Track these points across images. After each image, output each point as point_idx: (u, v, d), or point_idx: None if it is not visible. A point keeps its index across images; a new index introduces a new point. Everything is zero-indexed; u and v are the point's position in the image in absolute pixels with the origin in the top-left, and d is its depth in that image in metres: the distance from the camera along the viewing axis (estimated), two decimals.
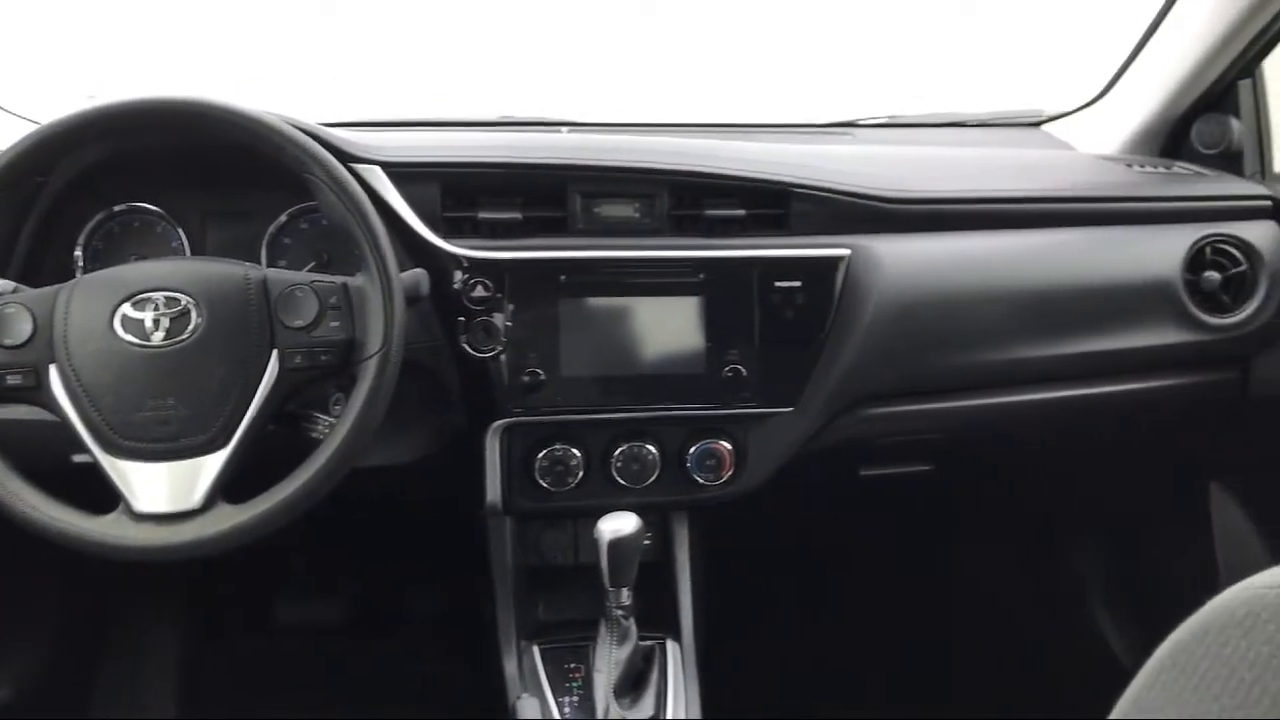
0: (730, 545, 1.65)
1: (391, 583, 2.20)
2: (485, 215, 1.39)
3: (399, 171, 1.36)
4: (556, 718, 1.41)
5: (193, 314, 1.15)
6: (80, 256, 1.39)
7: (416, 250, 1.34)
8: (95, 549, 1.12)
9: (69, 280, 1.18)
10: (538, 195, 1.41)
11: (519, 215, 1.39)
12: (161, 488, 1.12)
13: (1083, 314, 1.53)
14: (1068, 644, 2.09)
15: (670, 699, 1.42)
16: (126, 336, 1.13)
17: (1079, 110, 1.91)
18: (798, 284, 1.42)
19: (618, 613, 1.34)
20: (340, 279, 1.20)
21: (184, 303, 1.15)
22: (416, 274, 1.24)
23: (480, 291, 1.35)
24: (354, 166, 1.29)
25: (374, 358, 1.16)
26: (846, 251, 1.44)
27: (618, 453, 1.43)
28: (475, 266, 1.36)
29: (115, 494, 1.13)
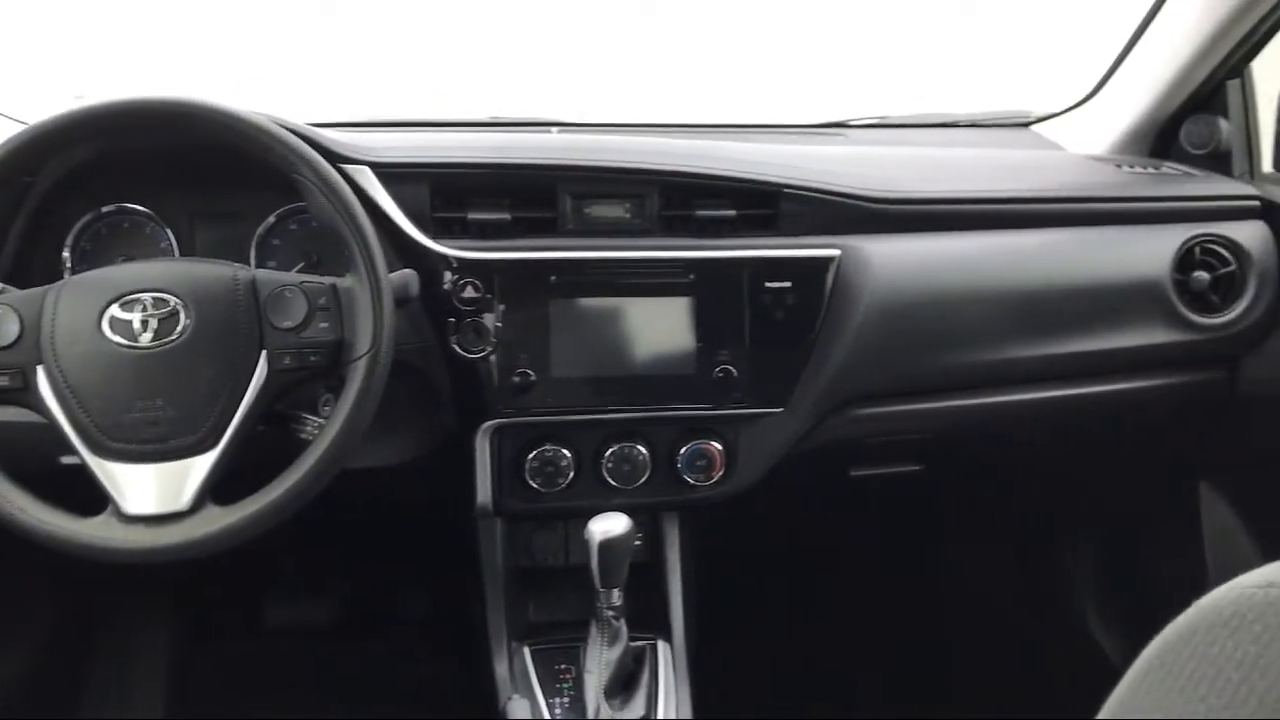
0: (721, 546, 1.65)
1: (382, 584, 2.20)
2: (475, 216, 1.38)
3: (388, 172, 1.35)
4: (547, 718, 1.41)
5: (181, 315, 1.14)
6: (68, 257, 1.38)
7: (406, 251, 1.34)
8: (83, 551, 1.11)
9: (57, 281, 1.17)
10: (528, 196, 1.41)
11: (509, 216, 1.39)
12: (150, 489, 1.12)
13: (1072, 314, 1.54)
14: (1058, 644, 2.09)
15: (661, 700, 1.41)
16: (115, 337, 1.12)
17: (1068, 111, 1.91)
18: (788, 284, 1.42)
19: (608, 613, 1.34)
20: (329, 280, 1.20)
21: (172, 304, 1.14)
22: (406, 275, 1.24)
23: (470, 292, 1.35)
24: (343, 167, 1.29)
25: (363, 359, 1.16)
26: (837, 252, 1.44)
27: (608, 453, 1.43)
28: (465, 267, 1.35)
29: (104, 496, 1.12)
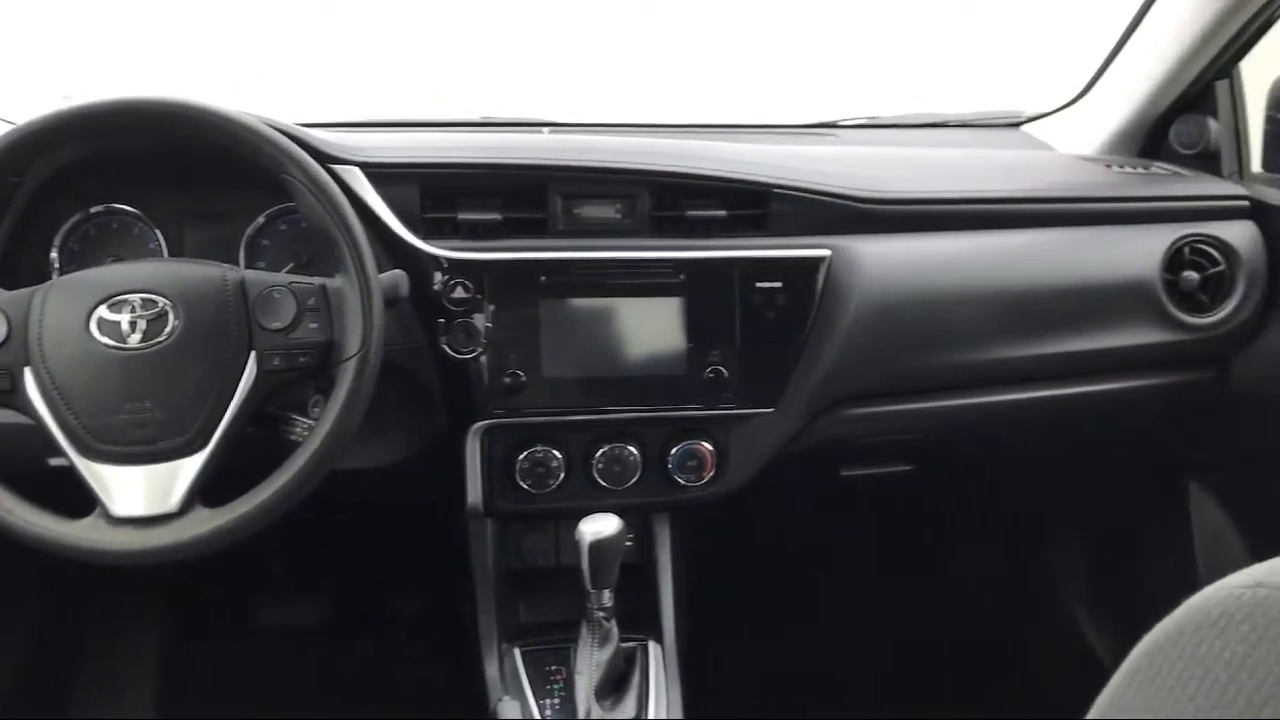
0: (712, 546, 1.65)
1: (372, 585, 2.20)
2: (465, 216, 1.38)
3: (378, 172, 1.35)
4: (538, 719, 1.41)
5: (170, 316, 1.14)
6: (56, 258, 1.38)
7: (396, 251, 1.34)
8: (71, 553, 1.11)
9: (45, 282, 1.17)
10: (518, 196, 1.41)
11: (499, 216, 1.39)
12: (138, 491, 1.12)
13: (1062, 314, 1.54)
14: (1048, 643, 2.10)
15: (652, 700, 1.42)
16: (103, 339, 1.12)
17: (1058, 111, 1.92)
18: (778, 285, 1.42)
19: (599, 614, 1.34)
20: (319, 280, 1.20)
21: (161, 304, 1.14)
22: (395, 275, 1.24)
23: (460, 293, 1.35)
24: (332, 167, 1.29)
25: (353, 359, 1.16)
26: (827, 252, 1.44)
27: (599, 454, 1.42)
28: (455, 267, 1.35)
29: (92, 498, 1.12)
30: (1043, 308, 1.53)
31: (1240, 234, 1.61)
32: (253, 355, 1.16)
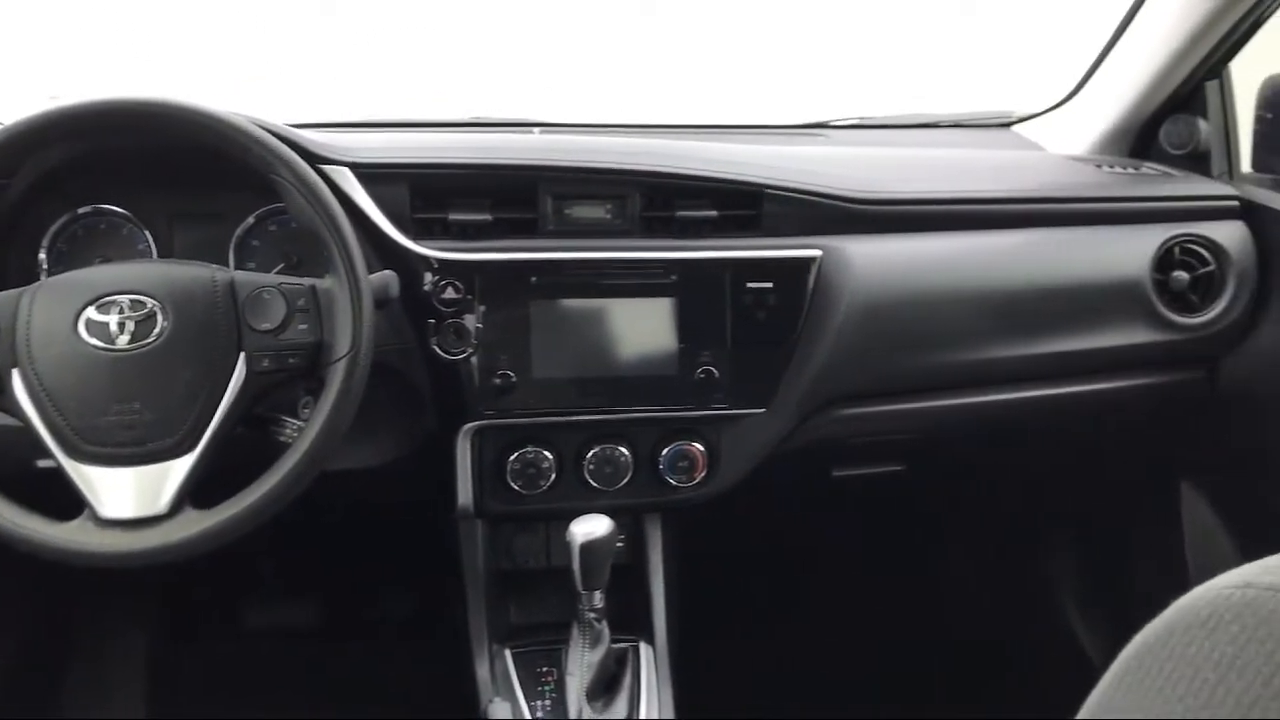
0: (703, 547, 1.64)
1: (362, 586, 2.19)
2: (455, 216, 1.38)
3: (368, 172, 1.35)
4: None
5: (159, 317, 1.13)
6: (44, 259, 1.37)
7: (386, 252, 1.33)
8: (59, 556, 1.11)
9: (33, 283, 1.16)
10: (508, 196, 1.41)
11: (489, 216, 1.38)
12: (127, 493, 1.11)
13: (1053, 314, 1.54)
14: (1039, 643, 2.10)
15: (643, 701, 1.41)
16: (91, 340, 1.11)
17: (1049, 111, 1.92)
18: (769, 285, 1.42)
19: (590, 615, 1.34)
20: (308, 281, 1.19)
21: (150, 305, 1.14)
22: (385, 276, 1.23)
23: (450, 293, 1.35)
24: (322, 168, 1.28)
25: (343, 360, 1.15)
26: (818, 252, 1.44)
27: (590, 455, 1.42)
28: (445, 268, 1.35)
29: (80, 500, 1.11)
30: (1033, 308, 1.53)
31: (1230, 234, 1.61)
32: (242, 356, 1.15)
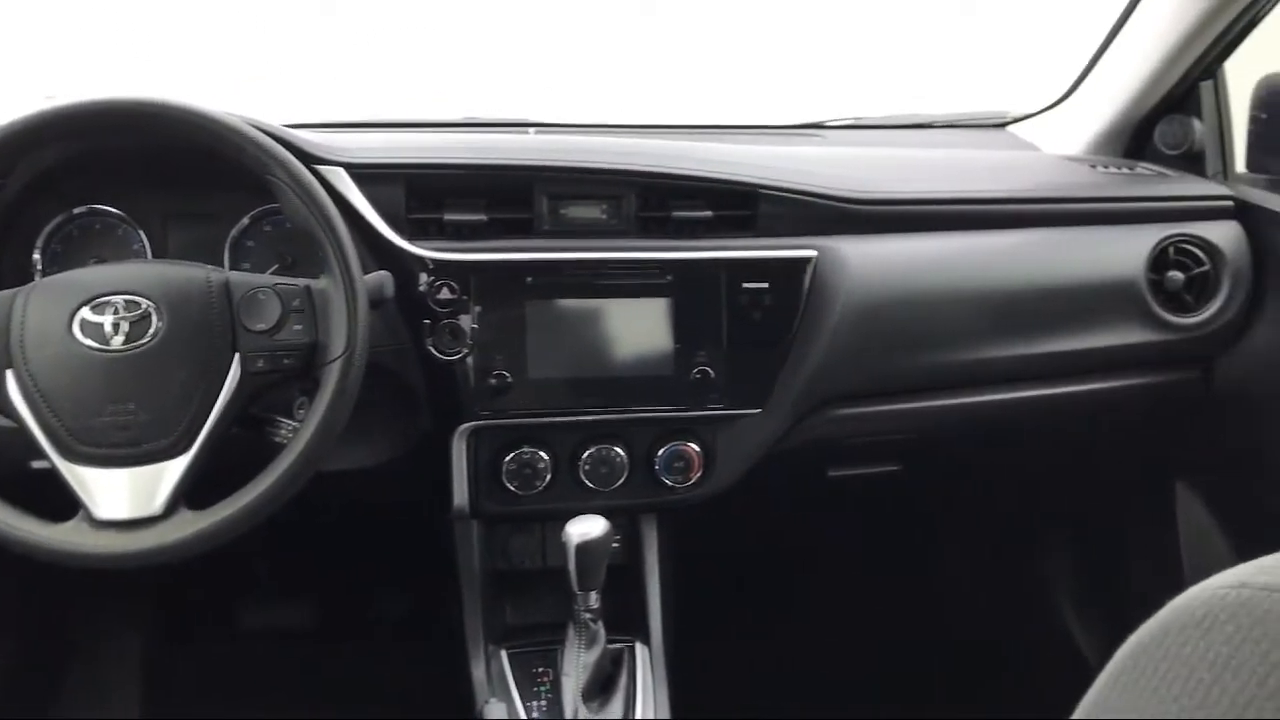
0: (699, 547, 1.64)
1: (358, 587, 2.19)
2: (451, 217, 1.37)
3: (363, 173, 1.35)
4: None
5: (153, 317, 1.13)
6: (39, 259, 1.37)
7: (381, 252, 1.33)
8: (54, 557, 1.10)
9: (27, 284, 1.16)
10: (504, 196, 1.41)
11: (485, 217, 1.38)
12: (122, 494, 1.11)
13: (1048, 314, 1.54)
14: (1035, 643, 2.10)
15: (639, 701, 1.41)
16: (85, 340, 1.11)
17: (1044, 111, 1.92)
18: (765, 285, 1.42)
19: (586, 616, 1.34)
20: (303, 281, 1.19)
21: (144, 306, 1.13)
22: (381, 276, 1.23)
23: (446, 294, 1.34)
24: (317, 168, 1.28)
25: (338, 361, 1.15)
26: (813, 253, 1.44)
27: (586, 455, 1.42)
28: (440, 268, 1.35)
29: (74, 501, 1.11)
30: (1028, 308, 1.53)
31: (1225, 234, 1.61)
32: (237, 357, 1.15)
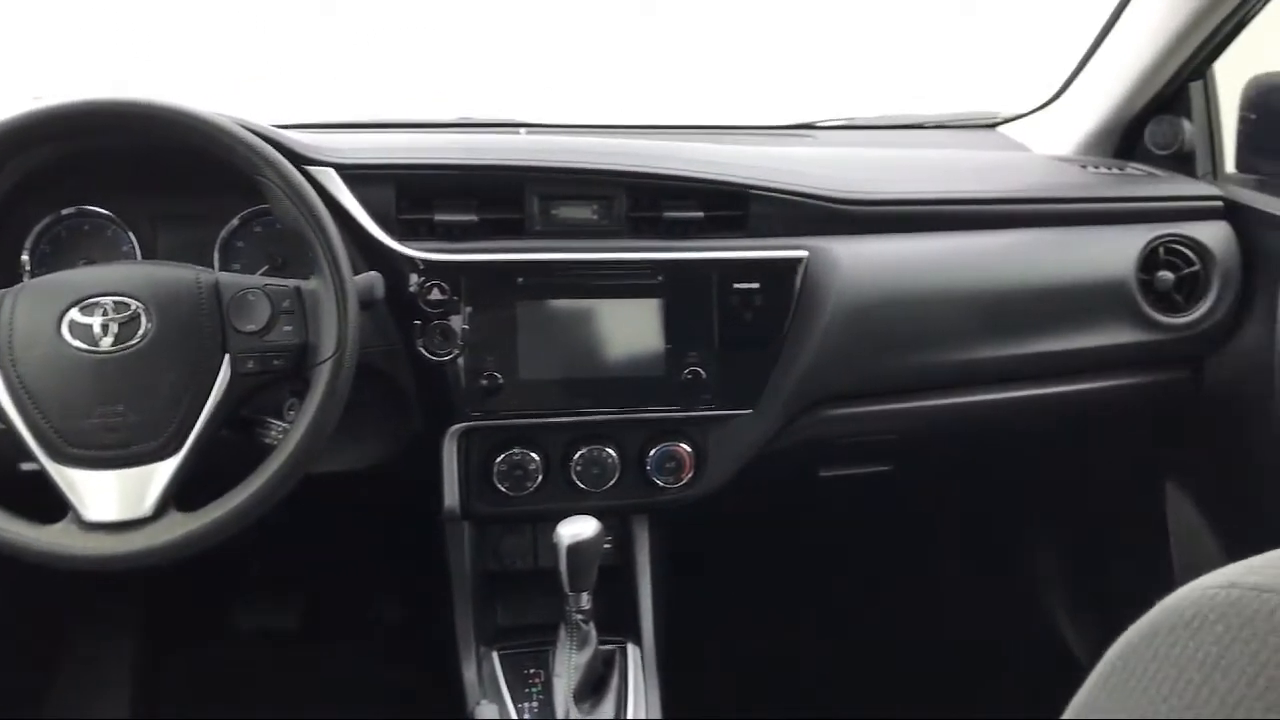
0: (691, 548, 1.64)
1: (349, 588, 2.18)
2: (441, 217, 1.37)
3: (353, 173, 1.34)
4: None
5: (143, 319, 1.13)
6: (27, 260, 1.36)
7: (371, 253, 1.33)
8: (43, 559, 1.10)
9: (15, 285, 1.16)
10: (494, 197, 1.40)
11: (475, 217, 1.38)
12: (111, 496, 1.11)
13: (1038, 314, 1.54)
14: (1026, 643, 2.10)
15: (631, 703, 1.41)
16: (74, 342, 1.11)
17: (1034, 112, 1.93)
18: (756, 285, 1.42)
19: (577, 617, 1.33)
20: (293, 283, 1.19)
21: (134, 307, 1.13)
22: (371, 277, 1.23)
23: (436, 294, 1.34)
24: (307, 169, 1.28)
25: (328, 362, 1.15)
26: (804, 253, 1.44)
27: (577, 456, 1.42)
28: (431, 269, 1.34)
29: (64, 503, 1.11)
30: (1019, 308, 1.54)
31: (1214, 234, 1.62)
32: (227, 358, 1.15)
